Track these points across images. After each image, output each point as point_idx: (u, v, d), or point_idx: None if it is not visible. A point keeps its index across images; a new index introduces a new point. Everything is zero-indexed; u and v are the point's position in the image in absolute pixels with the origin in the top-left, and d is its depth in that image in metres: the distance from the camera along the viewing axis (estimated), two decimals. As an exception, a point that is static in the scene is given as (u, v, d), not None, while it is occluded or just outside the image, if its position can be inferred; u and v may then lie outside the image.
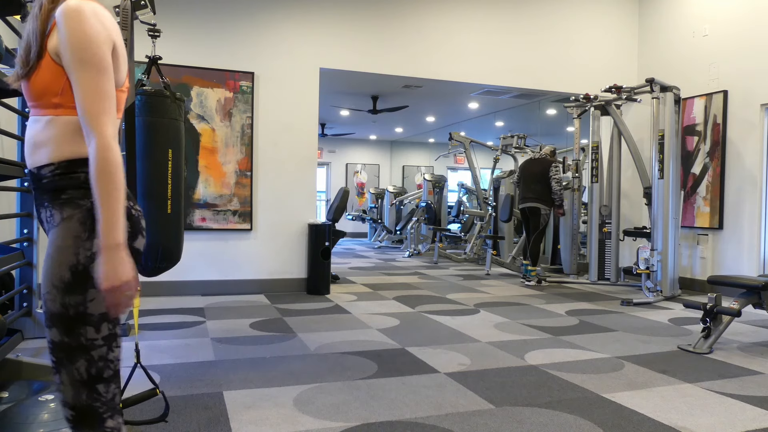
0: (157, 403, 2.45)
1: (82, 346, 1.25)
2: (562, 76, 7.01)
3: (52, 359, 1.28)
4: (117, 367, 1.32)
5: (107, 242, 1.20)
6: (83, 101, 1.22)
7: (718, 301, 3.72)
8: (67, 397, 1.27)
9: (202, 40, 5.67)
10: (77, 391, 1.26)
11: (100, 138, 1.21)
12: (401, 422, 2.45)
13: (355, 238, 14.64)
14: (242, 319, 4.54)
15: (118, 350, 1.32)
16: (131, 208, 1.35)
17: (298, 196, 6.01)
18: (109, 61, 1.25)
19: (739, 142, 5.94)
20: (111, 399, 1.30)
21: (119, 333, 1.33)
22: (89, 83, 1.22)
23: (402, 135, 14.95)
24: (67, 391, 1.27)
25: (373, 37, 6.27)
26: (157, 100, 2.99)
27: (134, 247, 1.34)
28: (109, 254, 1.20)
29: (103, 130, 1.22)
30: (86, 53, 1.22)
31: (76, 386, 1.26)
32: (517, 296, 5.85)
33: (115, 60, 1.30)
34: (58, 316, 1.24)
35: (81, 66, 1.22)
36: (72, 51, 1.21)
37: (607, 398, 2.78)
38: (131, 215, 1.34)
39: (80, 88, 1.22)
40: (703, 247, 6.28)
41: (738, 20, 5.99)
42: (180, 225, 3.09)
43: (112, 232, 1.20)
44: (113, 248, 1.20)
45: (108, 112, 1.24)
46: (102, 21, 1.25)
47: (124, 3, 2.17)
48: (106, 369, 1.28)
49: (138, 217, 1.38)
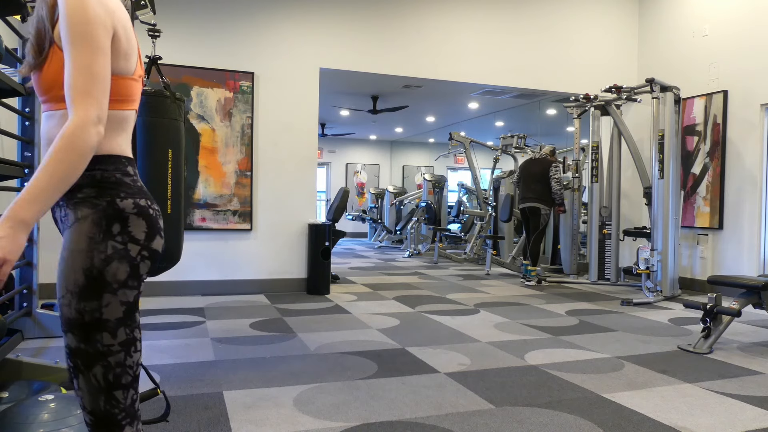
0: (157, 403, 2.45)
1: (99, 353, 1.22)
2: (562, 76, 7.01)
3: (69, 364, 1.24)
4: (136, 372, 1.29)
5: (14, 213, 1.07)
6: (71, 77, 1.15)
7: (718, 301, 3.72)
8: (85, 402, 1.24)
9: (202, 40, 5.67)
10: (94, 397, 1.24)
11: (77, 117, 1.13)
12: (401, 422, 2.45)
13: (355, 238, 14.64)
14: (242, 319, 4.54)
15: (138, 355, 1.29)
16: (149, 207, 1.29)
17: (298, 196, 6.01)
18: (105, 43, 1.19)
19: (739, 142, 5.94)
20: (130, 405, 1.28)
21: (138, 337, 1.29)
22: (81, 60, 1.15)
23: (402, 135, 14.95)
24: (85, 397, 1.24)
25: (373, 37, 6.27)
26: (157, 100, 2.99)
27: (152, 248, 1.29)
28: (7, 226, 1.07)
29: (84, 111, 1.13)
30: (81, 30, 1.16)
31: (94, 393, 1.24)
32: (517, 296, 5.85)
33: (121, 45, 1.25)
34: (73, 322, 1.21)
35: (75, 42, 1.16)
36: (68, 27, 1.16)
37: (607, 398, 2.78)
38: (148, 215, 1.28)
39: (71, 64, 1.16)
40: (703, 247, 6.28)
41: (738, 20, 5.99)
42: (180, 225, 3.09)
43: (25, 206, 1.08)
44: (16, 223, 1.07)
45: (95, 95, 1.15)
46: (105, 4, 1.20)
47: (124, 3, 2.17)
48: (124, 375, 1.25)
49: (156, 216, 1.32)
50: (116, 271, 1.22)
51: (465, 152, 9.88)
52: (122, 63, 1.27)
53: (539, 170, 6.86)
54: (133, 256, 1.24)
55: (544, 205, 6.81)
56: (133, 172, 1.31)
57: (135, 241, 1.25)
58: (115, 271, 1.22)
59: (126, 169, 1.28)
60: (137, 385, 1.30)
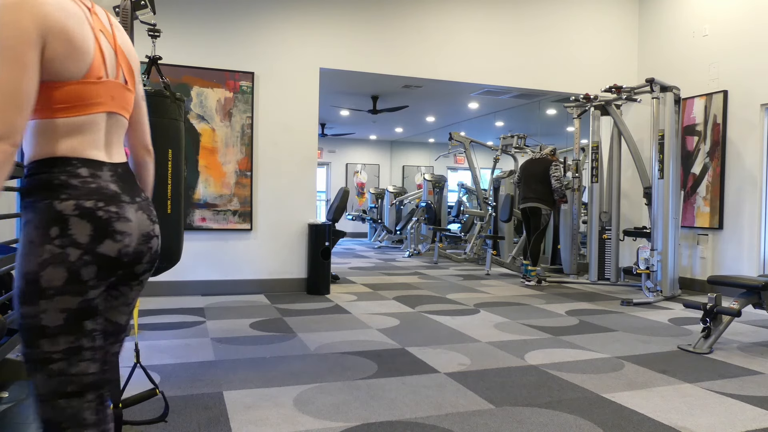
0: (156, 403, 2.45)
1: (40, 359, 1.19)
2: (562, 76, 7.01)
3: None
4: (85, 380, 1.24)
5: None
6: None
7: (718, 301, 3.72)
8: (35, 406, 1.23)
9: (202, 40, 5.67)
10: (39, 402, 1.22)
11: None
12: (401, 422, 2.45)
13: (355, 238, 14.64)
14: (242, 319, 4.54)
15: (86, 364, 1.23)
16: (97, 209, 1.21)
17: (298, 196, 6.01)
18: (22, 56, 1.12)
19: (739, 142, 5.94)
20: (74, 414, 1.23)
21: (88, 345, 1.23)
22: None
23: (402, 135, 14.95)
24: (34, 401, 1.23)
25: (373, 37, 6.27)
26: (156, 100, 2.99)
27: (99, 252, 1.21)
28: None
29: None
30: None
31: (38, 398, 1.22)
32: (517, 296, 5.85)
33: (57, 51, 1.17)
34: (20, 326, 1.19)
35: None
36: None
37: (607, 398, 2.78)
38: (95, 217, 1.21)
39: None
40: (703, 247, 6.28)
41: (738, 20, 5.99)
42: (180, 225, 3.09)
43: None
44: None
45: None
46: (33, 10, 1.13)
47: (124, 3, 2.17)
48: (68, 384, 1.21)
49: (109, 219, 1.23)
50: (51, 277, 1.16)
51: (465, 152, 9.88)
52: (66, 67, 1.20)
53: (540, 170, 6.86)
54: (72, 260, 1.17)
55: (545, 205, 6.81)
56: (87, 173, 1.23)
57: (76, 245, 1.18)
58: (51, 277, 1.16)
59: (77, 171, 1.22)
60: (91, 394, 1.25)
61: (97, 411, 1.28)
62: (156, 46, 3.10)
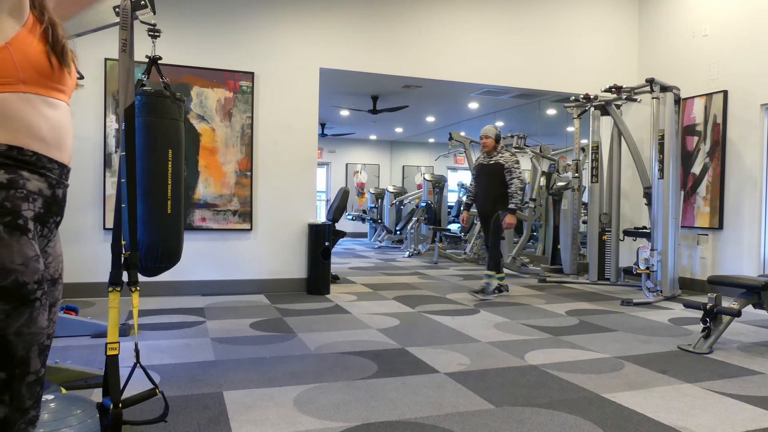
0: (156, 403, 2.44)
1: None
2: (562, 76, 7.01)
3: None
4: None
5: None
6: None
7: (718, 301, 3.72)
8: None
9: (202, 40, 5.67)
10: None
11: None
12: (401, 422, 2.45)
13: (355, 238, 14.64)
14: (242, 319, 4.53)
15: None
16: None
17: (298, 196, 6.01)
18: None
19: (739, 142, 5.94)
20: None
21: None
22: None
23: (402, 135, 14.95)
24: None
25: (373, 37, 6.27)
26: (157, 100, 2.99)
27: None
28: None
29: None
30: None
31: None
32: (517, 296, 5.85)
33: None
34: None
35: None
36: None
37: (607, 398, 2.78)
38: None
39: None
40: (703, 247, 6.28)
41: (738, 20, 5.99)
42: (180, 225, 3.09)
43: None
44: None
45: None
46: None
47: (124, 3, 2.16)
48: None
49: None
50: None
51: (465, 152, 9.88)
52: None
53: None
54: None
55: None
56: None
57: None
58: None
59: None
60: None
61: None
62: (156, 46, 3.10)
